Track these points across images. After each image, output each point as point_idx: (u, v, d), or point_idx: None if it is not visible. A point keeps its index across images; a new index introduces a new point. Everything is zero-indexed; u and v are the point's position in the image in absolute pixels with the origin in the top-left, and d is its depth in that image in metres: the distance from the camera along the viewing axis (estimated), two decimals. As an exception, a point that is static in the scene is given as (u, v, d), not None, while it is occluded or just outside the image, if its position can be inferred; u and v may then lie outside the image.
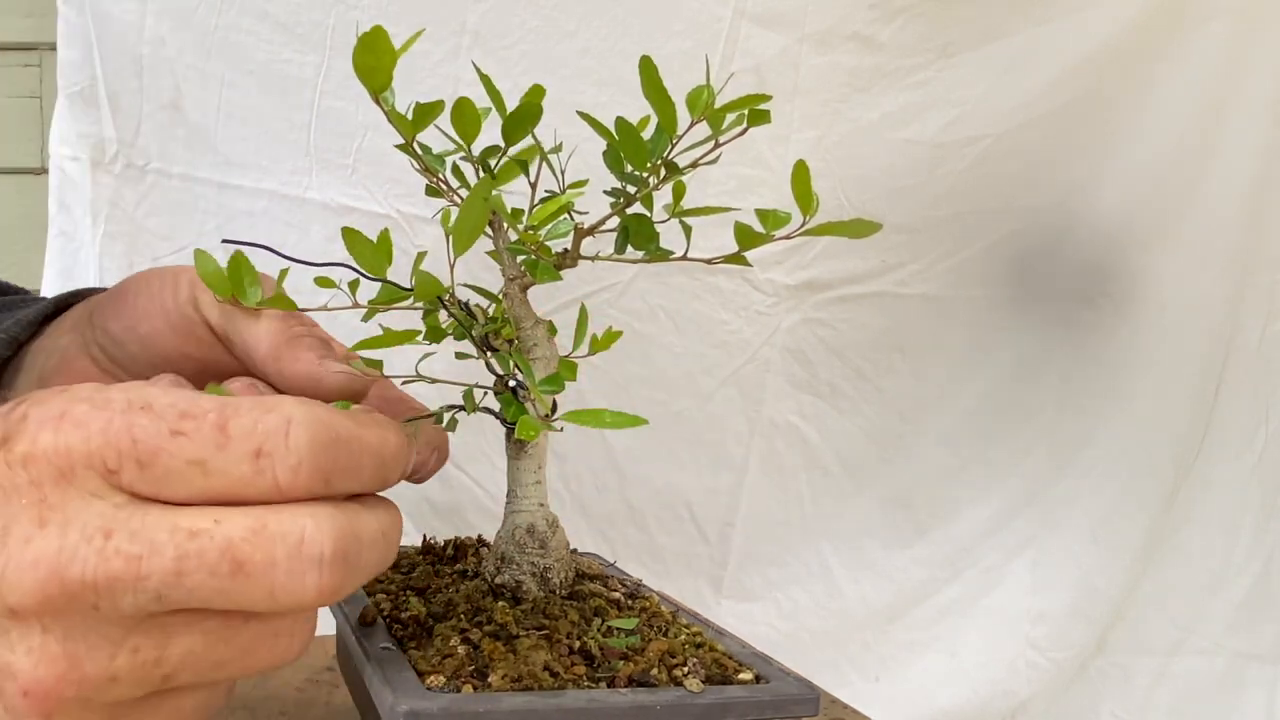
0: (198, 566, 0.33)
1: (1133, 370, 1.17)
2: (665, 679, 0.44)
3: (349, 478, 0.37)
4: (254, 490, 0.35)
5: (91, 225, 1.02)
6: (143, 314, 0.50)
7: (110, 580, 0.33)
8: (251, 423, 0.35)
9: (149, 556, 0.33)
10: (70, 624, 0.33)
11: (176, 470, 0.34)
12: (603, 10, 1.00)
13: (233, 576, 0.34)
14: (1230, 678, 1.19)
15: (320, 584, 0.35)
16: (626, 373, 1.07)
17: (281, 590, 0.34)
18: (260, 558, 0.34)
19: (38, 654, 0.33)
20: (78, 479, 0.34)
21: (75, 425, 0.34)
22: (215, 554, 0.33)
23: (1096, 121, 1.11)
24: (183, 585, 0.33)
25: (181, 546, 0.33)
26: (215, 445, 0.34)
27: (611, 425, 0.42)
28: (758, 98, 0.43)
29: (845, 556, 1.18)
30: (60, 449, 0.34)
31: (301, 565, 0.34)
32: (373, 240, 0.46)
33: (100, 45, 0.98)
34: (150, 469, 0.34)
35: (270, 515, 0.34)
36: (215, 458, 0.34)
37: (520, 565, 0.49)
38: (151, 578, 0.33)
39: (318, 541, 0.35)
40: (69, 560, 0.33)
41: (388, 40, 0.40)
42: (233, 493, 0.35)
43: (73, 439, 0.34)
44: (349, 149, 1.00)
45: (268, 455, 0.34)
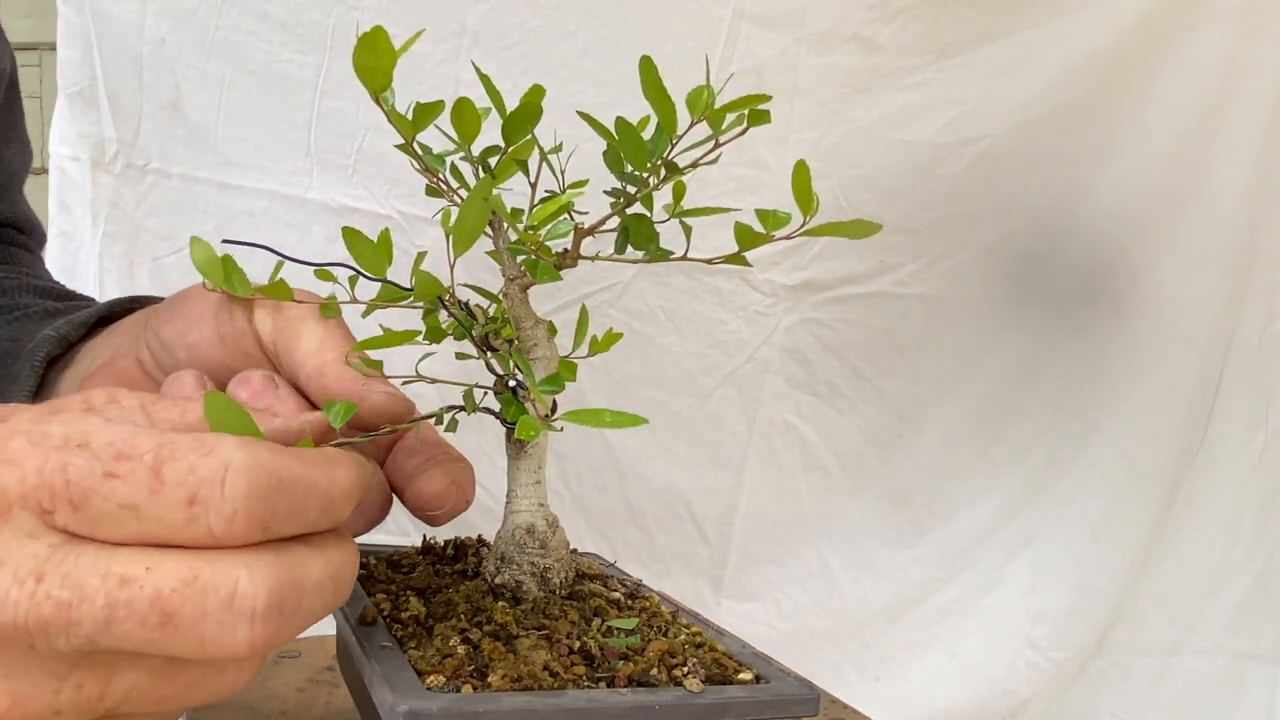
0: (126, 616, 0.33)
1: (1133, 370, 1.17)
2: (665, 679, 0.44)
3: (290, 522, 0.36)
4: (187, 537, 0.34)
5: (91, 225, 1.02)
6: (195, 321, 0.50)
7: (41, 624, 0.32)
8: (186, 468, 0.34)
9: (79, 603, 0.32)
10: (10, 661, 0.33)
11: (109, 513, 0.33)
12: (603, 11, 1.00)
13: (161, 628, 0.33)
14: (1230, 678, 1.19)
15: (252, 637, 0.34)
16: (626, 372, 1.07)
17: (211, 643, 0.33)
18: (190, 610, 0.33)
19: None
20: (13, 519, 0.33)
21: (9, 463, 0.33)
22: (145, 604, 0.33)
23: (1096, 122, 1.11)
24: (112, 633, 0.33)
25: (112, 595, 0.33)
26: (148, 490, 0.33)
27: (611, 425, 0.42)
28: (758, 98, 0.43)
29: (845, 556, 1.18)
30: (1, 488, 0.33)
31: (233, 618, 0.33)
32: (373, 240, 0.46)
33: (100, 45, 0.98)
34: (83, 510, 0.33)
35: (204, 565, 0.34)
36: (148, 503, 0.33)
37: (520, 565, 0.49)
38: (82, 624, 0.32)
39: (250, 594, 0.34)
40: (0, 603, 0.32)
41: (388, 40, 0.40)
42: (166, 538, 0.34)
43: (8, 478, 0.33)
44: (349, 149, 1.00)
45: (201, 503, 0.34)
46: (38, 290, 0.69)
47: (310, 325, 0.47)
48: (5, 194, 0.79)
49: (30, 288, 0.69)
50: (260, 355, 0.49)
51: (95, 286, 1.03)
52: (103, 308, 0.58)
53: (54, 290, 0.71)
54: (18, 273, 0.72)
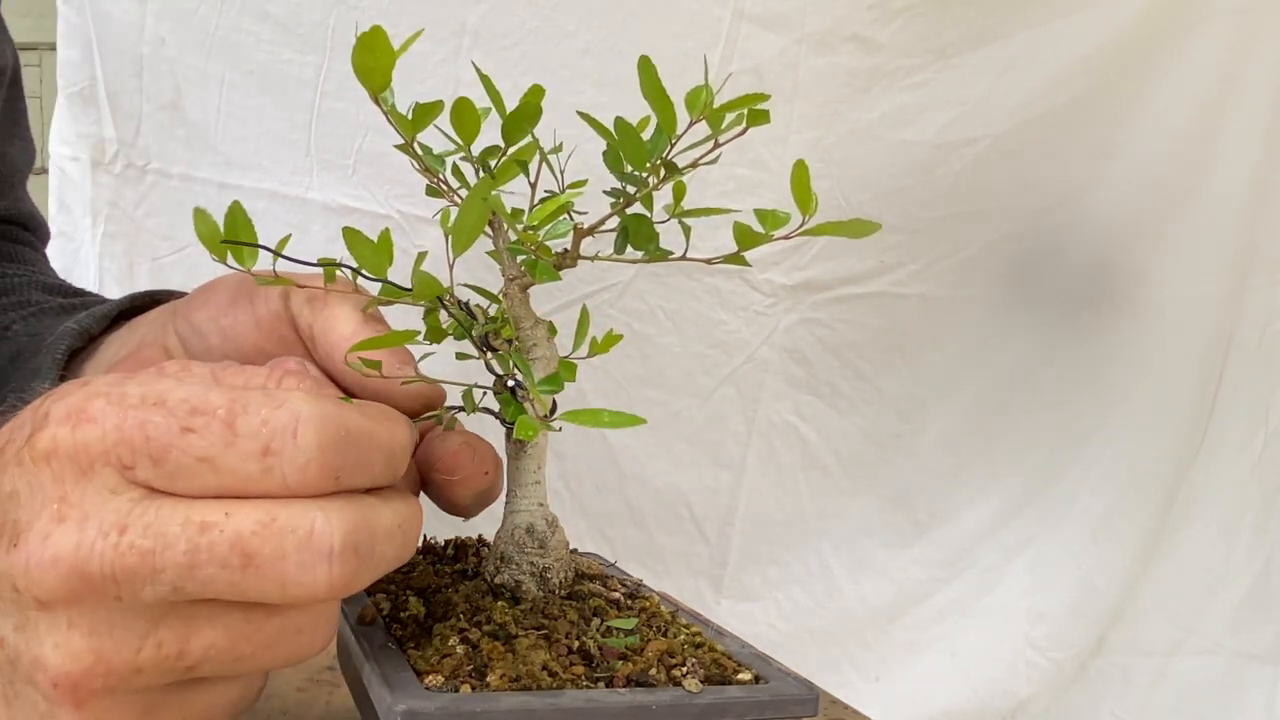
0: (208, 559, 0.34)
1: (1133, 370, 1.17)
2: (664, 679, 0.44)
3: (359, 473, 0.37)
4: (262, 488, 0.35)
5: (91, 225, 1.03)
6: (230, 306, 0.51)
7: (127, 573, 0.33)
8: (259, 420, 0.35)
9: (161, 550, 0.34)
10: (95, 617, 0.34)
11: (187, 466, 0.35)
12: (602, 11, 1.00)
13: (243, 569, 0.34)
14: (1230, 678, 1.19)
15: (330, 577, 0.35)
16: (626, 372, 1.07)
17: (292, 583, 0.35)
18: (269, 550, 0.34)
19: (63, 649, 0.34)
20: (96, 475, 0.34)
21: (91, 422, 0.35)
22: (225, 547, 0.34)
23: (1096, 122, 1.11)
24: (195, 578, 0.34)
25: (192, 540, 0.34)
26: (223, 443, 0.35)
27: (610, 425, 0.42)
28: (757, 97, 0.43)
29: (845, 556, 1.18)
30: (79, 446, 0.34)
31: (311, 558, 0.35)
32: (373, 241, 0.46)
33: (100, 45, 0.98)
34: (162, 465, 0.35)
35: (280, 509, 0.35)
36: (223, 455, 0.35)
37: (519, 565, 0.49)
38: (166, 571, 0.34)
39: (327, 534, 0.35)
40: (86, 555, 0.33)
41: (386, 40, 0.40)
42: (241, 489, 0.35)
43: (89, 436, 0.34)
44: (349, 149, 1.00)
45: (275, 454, 0.35)
46: (46, 287, 0.70)
47: (347, 312, 0.48)
48: (8, 190, 0.80)
49: (39, 284, 0.70)
50: (295, 339, 0.50)
51: (95, 286, 1.03)
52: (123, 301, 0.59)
53: (62, 287, 0.72)
54: (26, 270, 0.73)
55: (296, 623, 0.37)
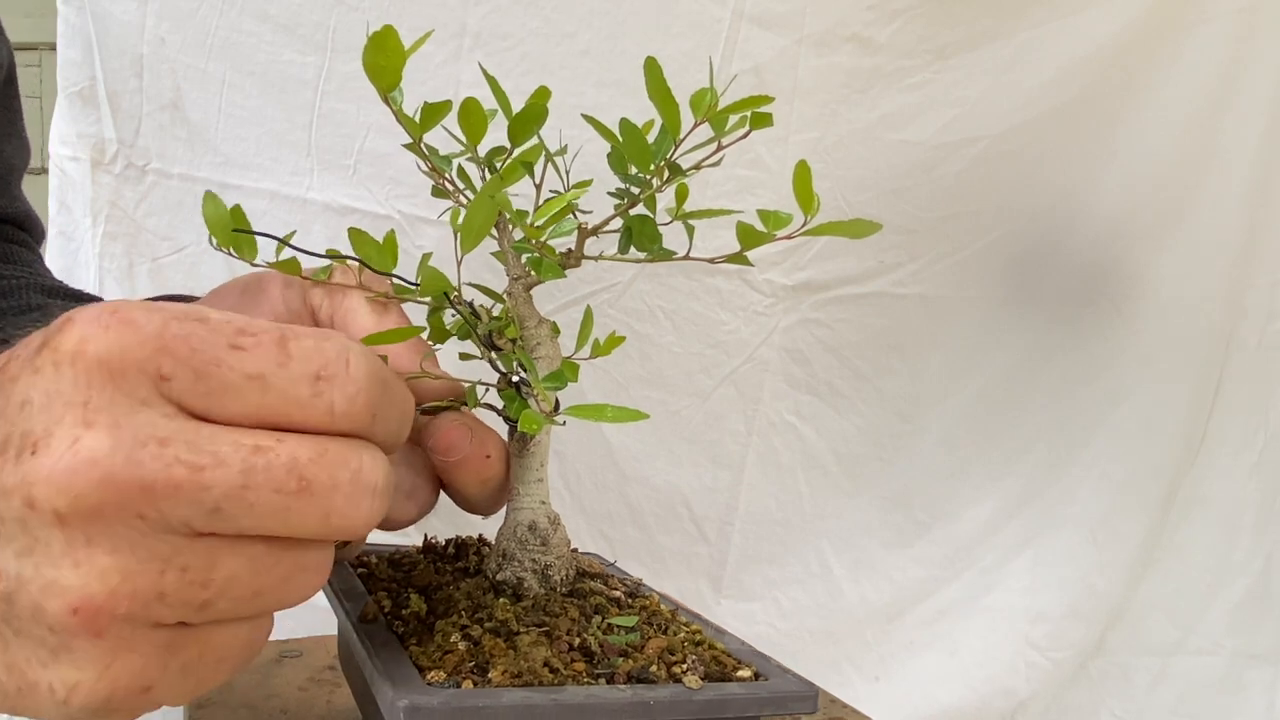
0: (264, 481, 0.32)
1: (1133, 370, 1.17)
2: (664, 676, 0.44)
3: (388, 420, 0.37)
4: (308, 413, 0.34)
5: (91, 225, 1.03)
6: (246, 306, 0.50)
7: (171, 487, 0.31)
8: (313, 345, 0.34)
9: (213, 468, 0.32)
10: (117, 535, 0.31)
11: (233, 384, 0.33)
12: (603, 12, 1.00)
13: (297, 495, 0.33)
14: (1230, 678, 1.19)
15: (371, 514, 0.35)
16: (626, 372, 1.08)
17: (337, 514, 0.34)
18: (324, 479, 0.33)
19: (85, 567, 0.31)
20: (127, 382, 0.32)
21: (128, 325, 0.32)
22: (282, 470, 0.33)
23: (1095, 122, 1.11)
24: (244, 499, 0.32)
25: (248, 460, 0.32)
26: (276, 362, 0.33)
27: (613, 420, 0.42)
28: (760, 99, 0.44)
29: (845, 556, 1.18)
30: (112, 348, 0.32)
31: (359, 492, 0.34)
32: (378, 241, 0.46)
33: (100, 45, 0.98)
34: (206, 380, 0.32)
35: (330, 442, 0.34)
36: (275, 374, 0.33)
37: (521, 562, 0.49)
38: (213, 489, 0.32)
39: (372, 472, 0.35)
40: (124, 462, 0.31)
41: (398, 40, 0.41)
42: (285, 415, 0.33)
43: (126, 339, 0.32)
44: (350, 150, 1.00)
45: (327, 379, 0.34)
46: (45, 289, 0.69)
47: (364, 303, 0.48)
48: (4, 190, 0.80)
49: (38, 286, 0.69)
50: None
51: (95, 286, 1.03)
52: None
53: (60, 289, 0.71)
54: (23, 271, 0.72)
55: (307, 560, 0.35)
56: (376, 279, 0.49)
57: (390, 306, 0.49)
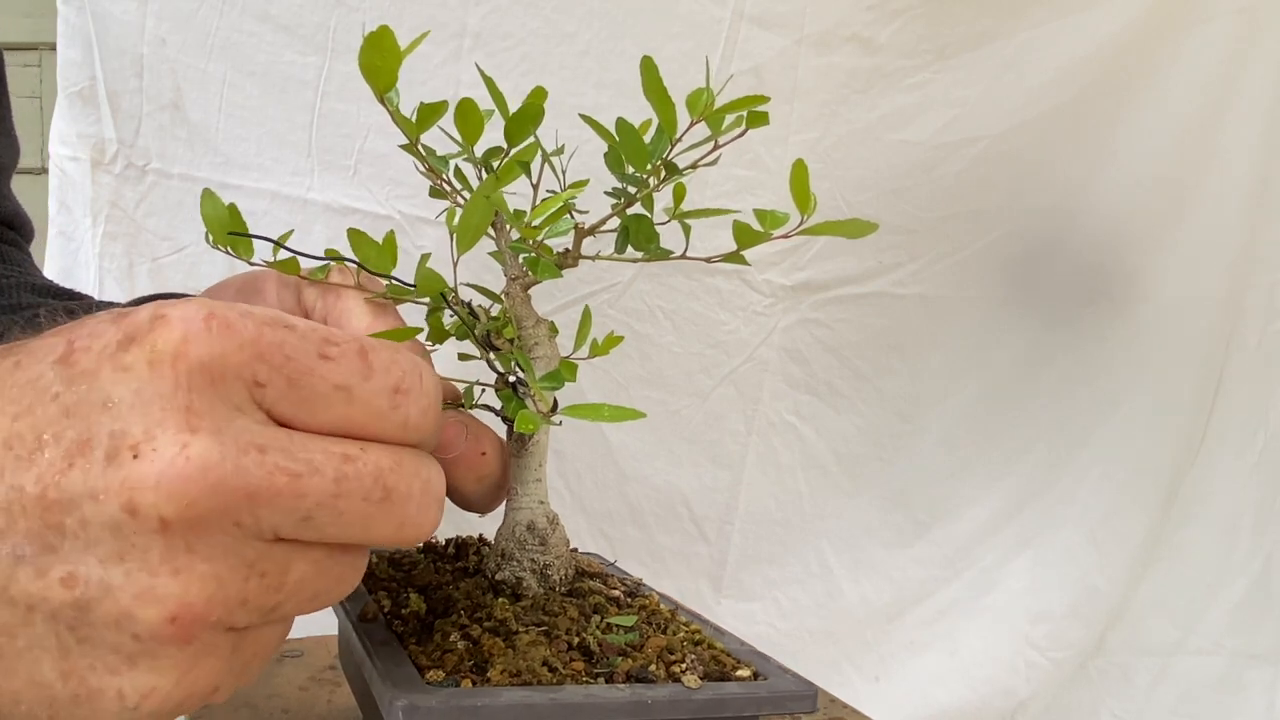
0: (354, 489, 0.33)
1: (1133, 370, 1.17)
2: (663, 675, 0.44)
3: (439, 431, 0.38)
4: (385, 425, 0.34)
5: (91, 225, 1.03)
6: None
7: (272, 494, 0.31)
8: (390, 358, 0.35)
9: (309, 475, 0.32)
10: (213, 543, 0.31)
11: (322, 394, 0.33)
12: (602, 12, 1.00)
13: (381, 503, 0.34)
14: (1230, 678, 1.19)
15: (435, 522, 0.36)
16: (626, 372, 1.08)
17: (410, 523, 0.35)
18: (403, 489, 0.34)
19: (186, 574, 0.31)
20: (226, 387, 0.32)
21: (228, 329, 0.32)
22: (370, 479, 0.33)
23: (1095, 122, 1.11)
24: (336, 507, 0.33)
25: (340, 469, 0.33)
26: (361, 374, 0.34)
27: (610, 419, 0.42)
28: (757, 99, 0.44)
29: (845, 556, 1.18)
30: (215, 352, 0.31)
31: (429, 501, 0.35)
32: (378, 242, 0.46)
33: (100, 45, 0.98)
34: (298, 389, 0.33)
35: (404, 453, 0.35)
36: (360, 386, 0.34)
37: (520, 562, 0.49)
38: (309, 497, 0.32)
39: (439, 482, 0.36)
40: (233, 470, 0.31)
41: (394, 41, 0.41)
42: (365, 425, 0.34)
43: (229, 343, 0.31)
44: (350, 150, 1.00)
45: (405, 393, 0.35)
46: (36, 289, 0.69)
47: (361, 304, 0.48)
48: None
49: (29, 286, 0.69)
50: None
51: (95, 286, 1.03)
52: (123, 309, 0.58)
53: (52, 289, 0.71)
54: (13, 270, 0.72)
55: (357, 561, 0.36)
56: (374, 280, 0.49)
57: (386, 307, 0.48)
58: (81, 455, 0.30)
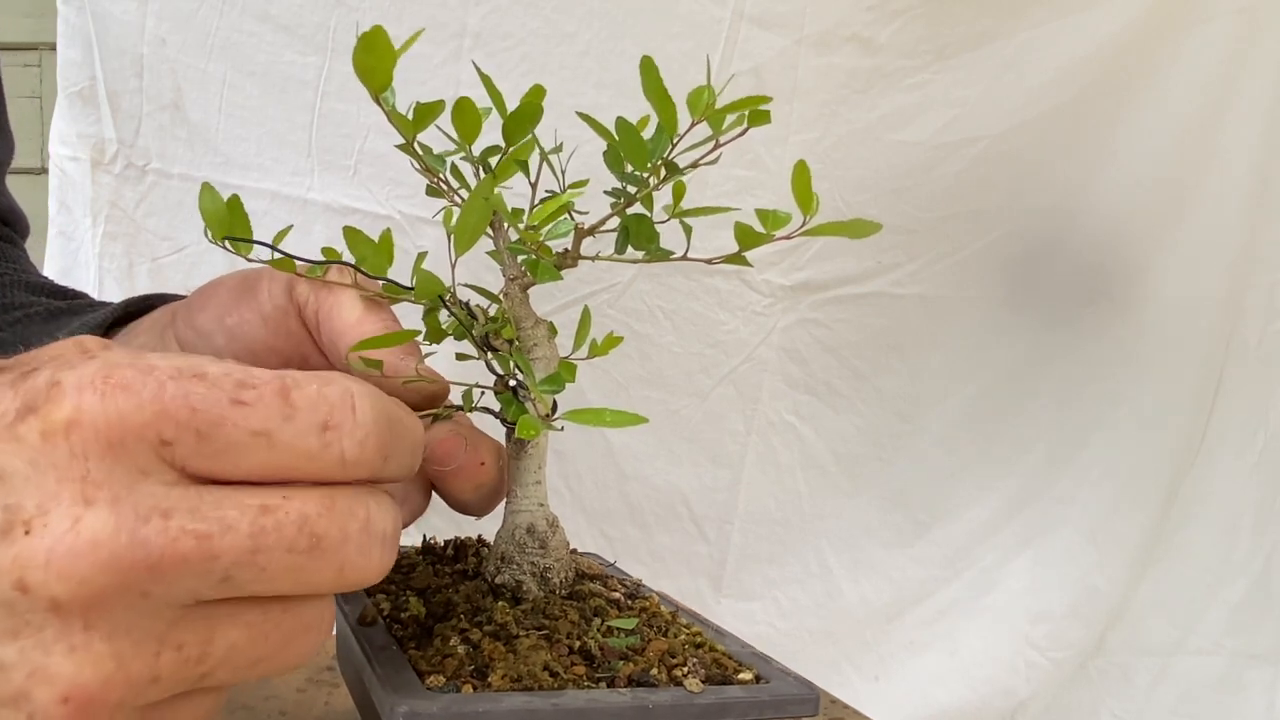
0: (275, 543, 0.31)
1: (1132, 370, 1.17)
2: (665, 679, 0.44)
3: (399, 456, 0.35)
4: (318, 465, 0.33)
5: (91, 225, 1.03)
6: (233, 305, 0.49)
7: (177, 561, 0.30)
8: (315, 393, 0.33)
9: (220, 535, 0.30)
10: (115, 618, 0.30)
11: (239, 442, 0.31)
12: (602, 12, 1.00)
13: (309, 552, 0.32)
14: (1230, 678, 1.19)
15: (383, 561, 0.34)
16: (625, 372, 1.08)
17: (350, 567, 0.33)
18: (335, 533, 0.32)
19: (81, 654, 0.29)
20: (127, 452, 0.30)
21: (124, 390, 0.30)
22: (293, 529, 0.32)
23: (1095, 122, 1.11)
24: (255, 564, 0.31)
25: (256, 522, 0.31)
26: (281, 415, 0.32)
27: (612, 424, 0.42)
28: (758, 99, 0.43)
29: (844, 556, 1.18)
30: (110, 417, 0.30)
31: (369, 541, 0.33)
32: (374, 240, 0.46)
33: (100, 45, 0.98)
34: (210, 441, 0.31)
35: (336, 493, 0.33)
36: (281, 429, 0.32)
37: (520, 565, 0.49)
38: (223, 558, 0.31)
39: (380, 519, 0.34)
40: (129, 542, 0.29)
41: (387, 40, 0.40)
42: (294, 468, 0.32)
43: (124, 405, 0.30)
44: (350, 150, 1.00)
45: (335, 428, 0.33)
46: (30, 286, 0.68)
47: (352, 299, 0.47)
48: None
49: (23, 284, 0.68)
50: (303, 333, 0.49)
51: (95, 286, 1.03)
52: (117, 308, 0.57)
53: (46, 286, 0.70)
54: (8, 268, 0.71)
55: (308, 618, 0.34)
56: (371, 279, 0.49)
57: (379, 304, 0.48)
58: None
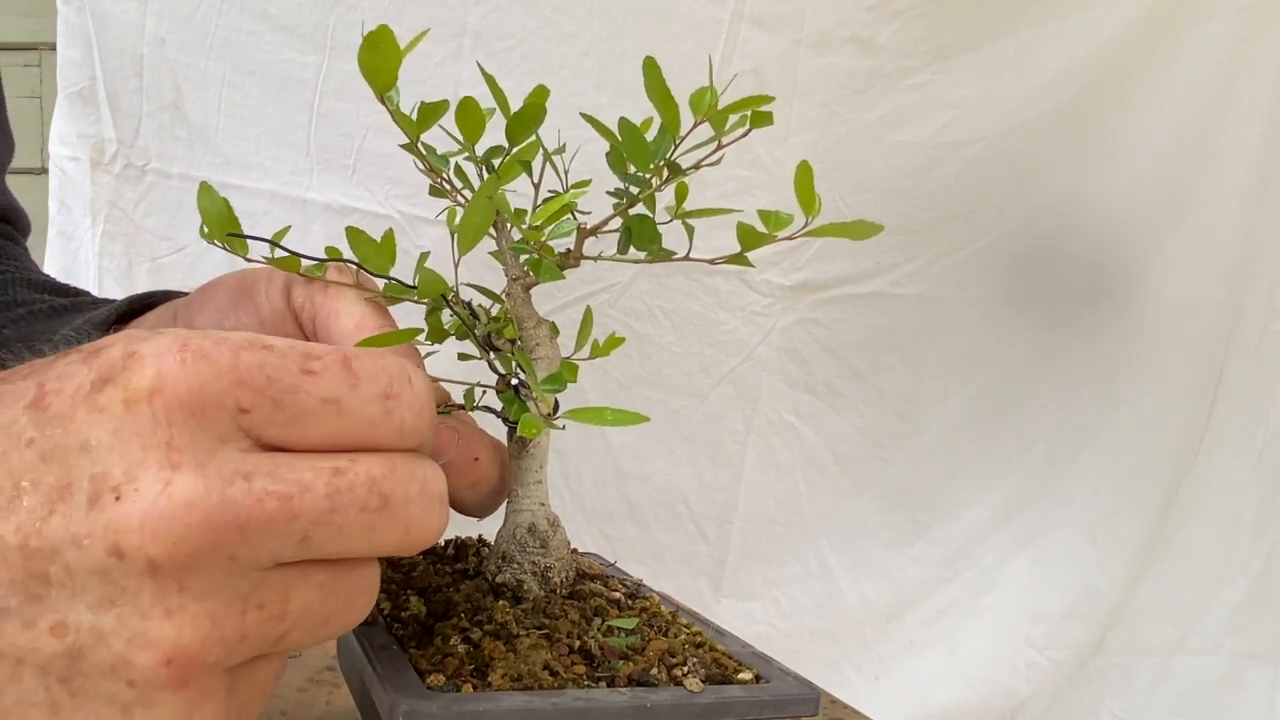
0: (350, 503, 0.32)
1: (1132, 370, 1.17)
2: (665, 679, 0.44)
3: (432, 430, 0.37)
4: (379, 433, 0.34)
5: (91, 225, 1.03)
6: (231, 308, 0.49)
7: (263, 522, 0.31)
8: (375, 364, 0.34)
9: (300, 495, 0.31)
10: (206, 579, 0.30)
11: (310, 410, 0.32)
12: (602, 12, 1.00)
13: (379, 511, 0.33)
14: (1230, 678, 1.19)
15: (441, 521, 0.35)
16: (626, 372, 1.08)
17: (415, 527, 0.34)
18: (399, 493, 0.34)
19: (178, 615, 0.30)
20: (207, 419, 0.31)
21: (203, 358, 0.31)
22: (364, 489, 0.33)
23: (1095, 122, 1.11)
24: (333, 523, 0.32)
25: (331, 483, 0.32)
26: (348, 384, 0.33)
27: (613, 423, 0.42)
28: (760, 99, 0.43)
29: (844, 556, 1.18)
30: (192, 384, 0.31)
31: (428, 502, 0.35)
32: (376, 240, 0.46)
33: (100, 45, 0.98)
34: (284, 409, 0.32)
35: (396, 457, 0.34)
36: (349, 397, 0.33)
37: (521, 564, 0.49)
38: (302, 517, 0.31)
39: (436, 480, 0.35)
40: (219, 502, 0.30)
41: (393, 40, 0.40)
42: (358, 436, 0.34)
43: (205, 373, 0.31)
44: (350, 149, 1.00)
45: (395, 397, 0.34)
46: (32, 284, 0.69)
47: (350, 302, 0.47)
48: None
49: (25, 281, 0.68)
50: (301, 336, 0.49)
51: (94, 286, 1.03)
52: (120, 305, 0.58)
53: (47, 284, 0.70)
54: (9, 265, 0.72)
55: (365, 581, 0.35)
56: (372, 279, 0.49)
57: (378, 307, 0.48)
58: (62, 501, 0.30)
